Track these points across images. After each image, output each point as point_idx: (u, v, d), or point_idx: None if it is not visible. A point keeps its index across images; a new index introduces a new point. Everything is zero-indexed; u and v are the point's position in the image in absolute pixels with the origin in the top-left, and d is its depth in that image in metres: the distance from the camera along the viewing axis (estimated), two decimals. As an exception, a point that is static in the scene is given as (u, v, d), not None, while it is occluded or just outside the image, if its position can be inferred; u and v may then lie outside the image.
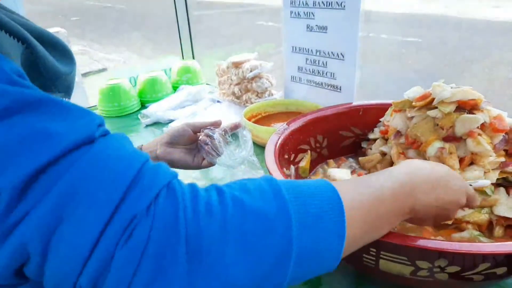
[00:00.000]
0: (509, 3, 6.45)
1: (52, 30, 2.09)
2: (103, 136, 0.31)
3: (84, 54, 5.51)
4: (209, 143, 0.66)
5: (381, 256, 0.47)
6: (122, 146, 0.31)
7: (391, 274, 0.49)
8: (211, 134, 0.67)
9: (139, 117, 1.22)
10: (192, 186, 0.32)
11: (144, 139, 1.11)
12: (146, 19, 7.99)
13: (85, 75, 4.31)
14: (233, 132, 0.71)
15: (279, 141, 0.68)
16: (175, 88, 1.41)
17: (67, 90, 0.44)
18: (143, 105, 1.35)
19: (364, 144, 0.81)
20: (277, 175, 0.56)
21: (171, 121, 1.17)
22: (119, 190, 0.27)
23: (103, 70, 4.83)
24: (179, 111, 1.21)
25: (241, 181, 0.35)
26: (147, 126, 1.18)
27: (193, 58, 1.59)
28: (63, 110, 0.29)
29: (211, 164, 0.69)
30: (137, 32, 6.60)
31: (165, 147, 0.67)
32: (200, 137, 0.68)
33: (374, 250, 0.47)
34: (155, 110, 1.20)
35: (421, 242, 0.43)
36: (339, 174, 0.68)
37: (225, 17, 7.23)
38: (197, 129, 0.69)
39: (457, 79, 3.19)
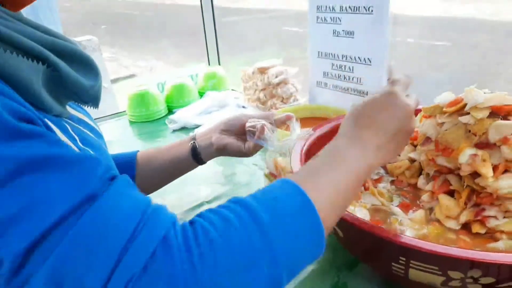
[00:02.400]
0: (545, 4, 6.19)
1: (84, 38, 2.18)
2: (108, 182, 0.32)
3: (114, 61, 5.68)
4: (257, 127, 0.67)
5: (411, 265, 0.46)
6: (122, 198, 0.31)
7: (421, 284, 0.48)
8: (257, 121, 0.68)
9: (166, 123, 1.25)
10: (184, 232, 0.32)
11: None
12: (173, 26, 8.16)
13: (114, 81, 4.44)
14: (281, 125, 0.72)
15: (305, 147, 0.68)
16: (201, 94, 1.43)
17: (94, 100, 0.46)
18: (170, 111, 1.38)
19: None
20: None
21: (197, 126, 1.18)
22: (115, 253, 0.28)
23: (132, 76, 4.97)
24: (205, 116, 1.23)
25: (220, 212, 0.35)
26: (174, 131, 1.20)
27: (219, 64, 1.61)
28: (65, 166, 0.30)
29: (260, 148, 0.70)
30: (164, 39, 6.75)
31: (219, 134, 0.69)
32: (247, 123, 0.69)
33: (404, 259, 0.47)
34: (182, 116, 1.22)
35: (453, 251, 0.42)
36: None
37: (251, 23, 7.29)
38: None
39: (489, 84, 3.09)
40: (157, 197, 0.82)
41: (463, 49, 4.36)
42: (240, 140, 0.70)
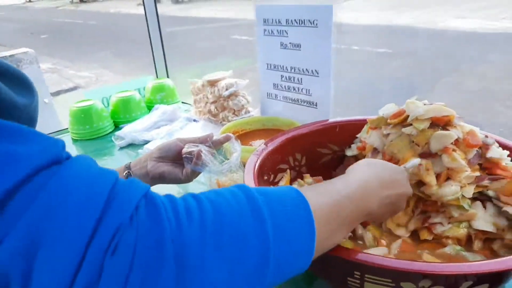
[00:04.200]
0: (472, 13, 6.76)
1: (19, 51, 2.04)
2: (67, 158, 0.30)
3: (54, 72, 5.38)
4: (193, 153, 0.65)
5: (365, 279, 0.47)
6: (90, 166, 0.30)
7: (377, 296, 0.49)
8: (194, 146, 0.66)
9: (113, 139, 1.19)
10: (169, 196, 0.32)
11: (119, 162, 1.08)
12: (118, 35, 7.90)
13: (55, 94, 4.20)
14: (219, 146, 0.72)
15: (258, 163, 0.67)
16: (149, 108, 1.38)
17: (30, 121, 0.42)
18: (117, 126, 1.31)
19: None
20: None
21: (146, 142, 1.14)
22: (98, 205, 0.27)
23: (75, 88, 4.73)
24: (154, 131, 1.18)
25: (216, 189, 0.36)
26: (121, 148, 1.15)
27: (167, 76, 1.57)
28: (25, 134, 0.28)
29: (198, 173, 0.69)
30: (110, 49, 6.51)
31: (154, 162, 0.68)
32: (184, 149, 0.67)
33: (359, 273, 0.47)
34: (129, 131, 1.17)
35: (404, 265, 0.42)
36: None
37: (199, 33, 7.25)
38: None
39: (429, 91, 3.30)
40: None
41: (403, 56, 4.64)
42: (177, 166, 0.69)
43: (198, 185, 0.92)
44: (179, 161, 0.69)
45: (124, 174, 0.68)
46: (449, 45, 4.95)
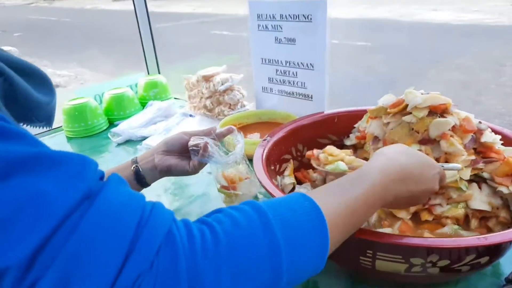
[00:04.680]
0: (446, 6, 6.94)
1: (3, 48, 1.99)
2: (100, 181, 0.31)
3: (32, 71, 5.23)
4: (200, 145, 0.67)
5: (377, 257, 0.50)
6: (118, 196, 0.31)
7: (387, 272, 0.52)
8: (199, 139, 0.68)
9: (109, 136, 1.19)
10: (187, 226, 0.33)
11: (117, 158, 1.09)
12: (96, 33, 7.73)
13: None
14: (222, 138, 0.74)
15: (264, 154, 0.70)
16: (143, 104, 1.38)
17: (48, 119, 0.44)
18: (111, 123, 1.31)
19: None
20: (270, 187, 0.58)
21: (144, 138, 1.15)
22: (122, 251, 0.28)
23: (56, 86, 4.61)
24: (151, 127, 1.19)
25: (229, 211, 0.36)
26: (118, 145, 1.15)
27: (159, 72, 1.57)
28: (55, 164, 0.28)
29: (204, 165, 0.70)
30: (87, 46, 6.38)
31: (161, 155, 0.69)
32: (190, 142, 0.69)
33: (371, 252, 0.50)
34: (126, 128, 1.17)
35: (415, 241, 0.46)
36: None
37: (180, 29, 7.18)
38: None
39: (411, 83, 3.38)
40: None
41: (382, 49, 4.73)
42: (184, 159, 0.70)
43: (209, 175, 0.94)
44: (185, 154, 0.71)
45: (132, 168, 0.69)
46: (426, 37, 5.08)
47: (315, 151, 0.64)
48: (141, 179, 0.68)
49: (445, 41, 4.75)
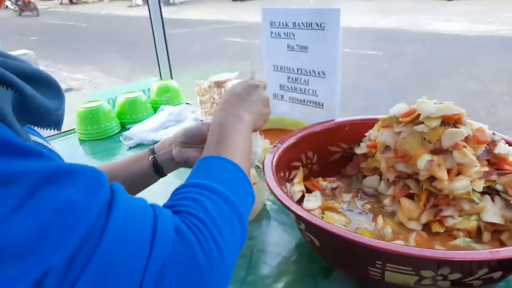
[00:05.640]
0: (459, 17, 6.89)
1: (19, 52, 2.03)
2: (111, 192, 0.34)
3: (47, 74, 5.33)
4: None
5: (387, 268, 0.50)
6: (129, 203, 0.35)
7: (396, 284, 0.51)
8: None
9: (121, 139, 1.20)
10: (182, 219, 0.37)
11: (128, 162, 1.09)
12: (110, 38, 7.86)
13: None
14: None
15: (274, 160, 0.70)
16: (155, 109, 1.40)
17: (57, 124, 0.45)
18: (123, 127, 1.33)
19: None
20: (280, 195, 0.58)
21: (155, 142, 1.15)
22: (146, 246, 0.32)
23: (68, 90, 4.70)
24: (162, 131, 1.20)
25: (197, 198, 0.42)
26: (130, 148, 1.16)
27: (171, 77, 1.59)
28: (75, 175, 0.32)
29: None
30: (102, 51, 6.48)
31: (179, 147, 0.68)
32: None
33: (380, 262, 0.50)
34: (137, 132, 1.18)
35: (426, 252, 0.45)
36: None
37: (193, 35, 7.25)
38: None
39: (426, 92, 3.36)
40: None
41: (393, 58, 4.71)
42: (202, 150, 0.70)
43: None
44: (204, 146, 0.71)
45: (150, 159, 0.68)
46: (439, 47, 5.05)
47: None
48: (159, 170, 0.68)
49: (458, 52, 4.71)
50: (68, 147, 1.24)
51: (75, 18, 11.41)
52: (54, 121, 0.44)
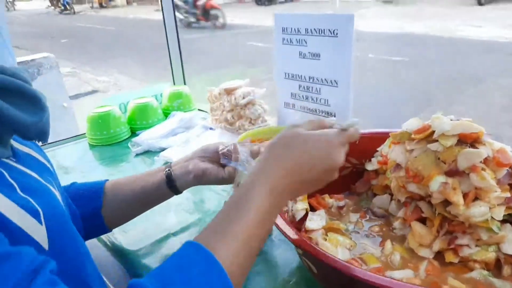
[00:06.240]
0: (491, 22, 6.63)
1: (40, 55, 2.07)
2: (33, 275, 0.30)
3: (74, 76, 5.48)
4: (230, 148, 0.65)
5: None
6: None
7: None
8: (228, 143, 0.67)
9: (130, 146, 1.19)
10: None
11: (135, 169, 1.08)
12: (136, 41, 8.02)
13: (74, 97, 4.28)
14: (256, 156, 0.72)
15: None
16: (166, 114, 1.38)
17: (40, 136, 0.43)
18: (133, 132, 1.32)
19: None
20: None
21: (162, 149, 1.13)
22: None
23: (94, 92, 4.81)
24: (171, 138, 1.18)
25: None
26: (137, 155, 1.15)
27: (184, 83, 1.57)
28: None
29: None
30: (127, 54, 6.61)
31: (197, 160, 0.68)
32: (220, 146, 0.68)
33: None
34: (146, 138, 1.17)
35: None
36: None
37: (213, 40, 7.29)
38: None
39: (448, 102, 3.22)
40: (120, 232, 0.78)
41: (420, 64, 4.57)
42: (220, 166, 0.68)
43: (224, 193, 0.91)
44: (220, 161, 0.68)
45: (164, 172, 0.67)
46: (468, 54, 4.86)
47: None
48: (172, 184, 0.66)
49: (489, 60, 4.51)
50: (79, 152, 1.23)
51: (104, 22, 11.73)
52: (35, 134, 0.42)
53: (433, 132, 0.58)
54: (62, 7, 14.09)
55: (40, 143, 0.47)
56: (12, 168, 0.39)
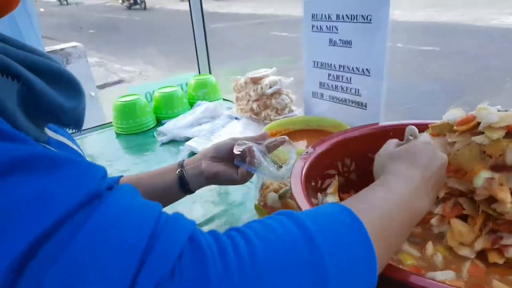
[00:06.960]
0: (528, 10, 6.29)
1: (69, 44, 2.11)
2: (109, 189, 0.28)
3: (101, 66, 5.59)
4: (245, 151, 0.63)
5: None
6: (130, 201, 0.28)
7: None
8: (244, 144, 0.64)
9: (155, 135, 1.19)
10: (214, 233, 0.29)
11: (160, 158, 1.08)
12: (162, 31, 8.09)
13: (101, 87, 4.36)
14: (274, 150, 0.69)
15: (305, 167, 0.63)
16: (191, 104, 1.37)
17: (76, 124, 0.42)
18: (159, 121, 1.32)
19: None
20: (304, 206, 0.51)
21: (187, 139, 1.13)
22: (135, 256, 0.24)
23: (120, 81, 4.89)
24: (196, 128, 1.17)
25: (261, 220, 0.33)
26: (163, 144, 1.14)
27: (210, 72, 1.56)
28: (58, 165, 0.27)
29: (253, 174, 0.67)
30: (153, 44, 6.68)
31: (210, 161, 0.66)
32: (234, 147, 0.65)
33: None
34: (171, 128, 1.16)
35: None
36: None
37: (239, 29, 7.26)
38: None
39: (486, 94, 3.08)
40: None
41: (451, 54, 4.39)
42: (233, 166, 0.67)
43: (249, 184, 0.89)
44: (233, 162, 0.67)
45: (177, 173, 0.66)
46: (504, 43, 4.63)
47: None
48: (184, 185, 0.65)
49: (528, 48, 4.28)
50: (105, 140, 1.25)
51: (130, 12, 11.88)
52: (71, 120, 0.40)
53: (478, 123, 0.54)
54: (132, 1, 13.13)
55: (70, 131, 0.45)
56: None
